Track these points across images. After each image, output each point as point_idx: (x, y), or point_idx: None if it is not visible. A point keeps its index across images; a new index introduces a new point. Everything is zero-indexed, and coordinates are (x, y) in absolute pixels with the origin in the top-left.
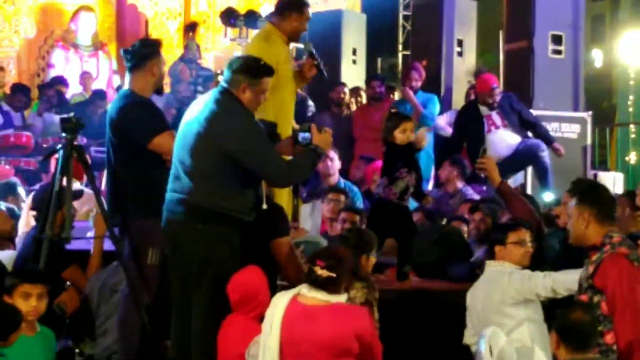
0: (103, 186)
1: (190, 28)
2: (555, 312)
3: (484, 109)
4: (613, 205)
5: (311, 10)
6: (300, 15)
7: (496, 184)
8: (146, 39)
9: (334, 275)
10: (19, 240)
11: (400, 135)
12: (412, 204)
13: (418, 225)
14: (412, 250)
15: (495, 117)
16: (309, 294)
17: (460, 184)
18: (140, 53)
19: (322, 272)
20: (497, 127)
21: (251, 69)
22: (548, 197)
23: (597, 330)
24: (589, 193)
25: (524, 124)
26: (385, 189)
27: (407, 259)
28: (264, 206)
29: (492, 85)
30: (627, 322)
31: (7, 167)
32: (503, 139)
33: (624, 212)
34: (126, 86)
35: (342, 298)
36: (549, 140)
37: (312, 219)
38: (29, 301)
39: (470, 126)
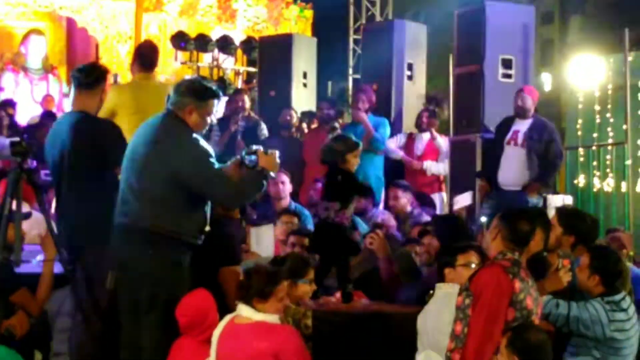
0: (52, 209)
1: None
2: (509, 333)
3: (520, 123)
4: (528, 236)
5: (262, 33)
6: None
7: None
8: (97, 64)
9: (245, 284)
10: None
11: (353, 160)
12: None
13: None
14: (348, 270)
15: (521, 135)
16: (241, 313)
17: (410, 208)
18: (94, 74)
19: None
20: (516, 144)
21: (197, 92)
22: None
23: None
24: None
25: (542, 155)
26: (338, 213)
27: (347, 279)
28: (207, 228)
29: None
30: (479, 326)
31: None
32: (513, 155)
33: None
34: (74, 107)
35: (266, 317)
36: (540, 179)
37: (263, 242)
38: None
39: (497, 132)
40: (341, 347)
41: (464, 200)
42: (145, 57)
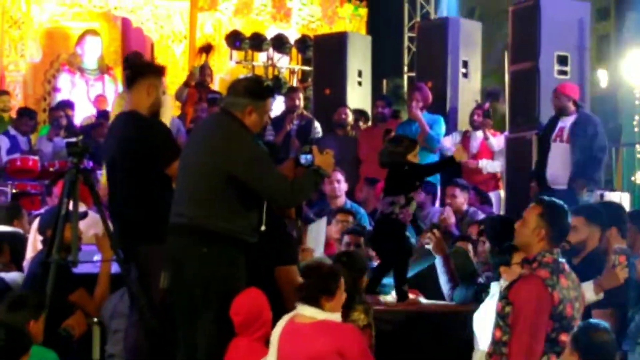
0: None
1: (205, 50)
2: (576, 331)
3: (564, 120)
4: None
5: (317, 31)
6: None
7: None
8: (130, 63)
9: (309, 283)
10: (26, 264)
11: (414, 160)
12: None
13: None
14: (407, 269)
15: (566, 131)
16: (302, 312)
17: (466, 206)
18: (135, 69)
19: (302, 283)
20: (562, 141)
21: (255, 91)
22: None
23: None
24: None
25: (586, 149)
26: (402, 209)
27: (404, 278)
28: (262, 228)
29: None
30: (522, 344)
31: (14, 190)
32: (559, 152)
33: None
34: (126, 107)
35: (331, 316)
36: (585, 175)
37: (318, 237)
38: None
39: (546, 129)
40: (397, 346)
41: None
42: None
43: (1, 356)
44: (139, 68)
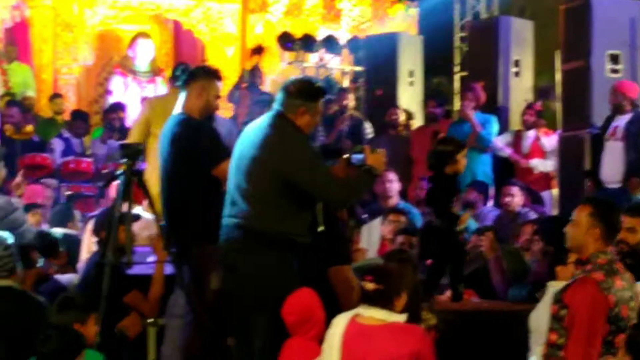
0: None
1: (257, 52)
2: (630, 332)
3: (619, 118)
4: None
5: (368, 32)
6: None
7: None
8: (182, 65)
9: (381, 287)
10: (80, 266)
11: (463, 160)
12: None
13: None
14: (462, 270)
15: (620, 129)
16: (365, 314)
17: (520, 208)
18: (188, 73)
19: (369, 285)
20: (615, 139)
21: (308, 92)
22: None
23: None
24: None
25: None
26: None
27: (459, 278)
28: (320, 228)
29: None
30: (579, 348)
31: (68, 192)
32: (613, 150)
33: None
34: (178, 109)
35: (400, 317)
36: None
37: (372, 238)
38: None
39: (602, 128)
40: (453, 346)
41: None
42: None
43: (54, 358)
44: (191, 71)
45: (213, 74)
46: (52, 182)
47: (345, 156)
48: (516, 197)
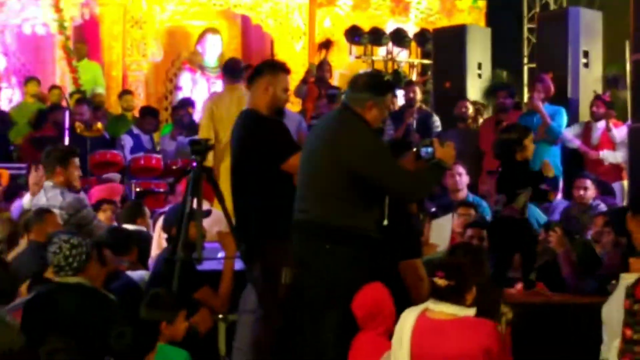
0: None
1: (325, 46)
2: None
3: None
4: None
5: (436, 24)
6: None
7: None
8: (237, 60)
9: (452, 283)
10: (151, 262)
11: (530, 146)
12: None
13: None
14: (534, 259)
15: None
16: (435, 308)
17: (591, 200)
18: (254, 70)
19: (441, 281)
20: None
21: (376, 86)
22: None
23: None
24: None
25: None
26: (506, 206)
27: (531, 267)
28: (385, 222)
29: None
30: None
31: (138, 189)
32: None
33: None
34: (247, 105)
35: (469, 312)
36: None
37: (441, 234)
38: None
39: None
40: (524, 338)
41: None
42: (229, 69)
43: (127, 355)
44: (257, 66)
45: (279, 68)
46: (115, 176)
47: (414, 149)
48: (589, 190)
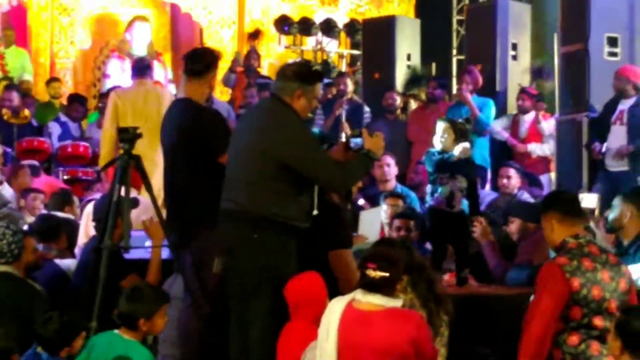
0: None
1: (253, 36)
2: (619, 318)
3: (624, 102)
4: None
5: (365, 15)
6: None
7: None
8: (210, 49)
9: (386, 275)
10: (78, 250)
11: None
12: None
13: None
14: (468, 255)
15: (625, 114)
16: (363, 299)
17: (516, 189)
18: (204, 62)
19: (374, 273)
20: (622, 124)
21: (304, 76)
22: None
23: None
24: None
25: None
26: (432, 196)
27: (465, 263)
28: (315, 212)
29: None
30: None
31: (65, 176)
32: (618, 135)
33: None
34: (181, 94)
35: (397, 302)
36: None
37: (370, 226)
38: (163, 318)
39: (606, 113)
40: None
41: (589, 200)
42: (137, 66)
43: (54, 341)
44: (212, 61)
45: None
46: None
47: (343, 140)
48: (513, 179)
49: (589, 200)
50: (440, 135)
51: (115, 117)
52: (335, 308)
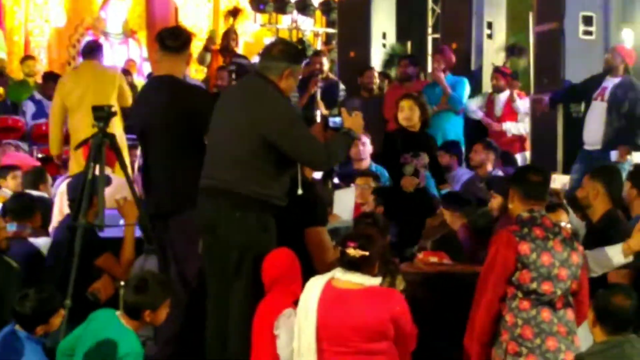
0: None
1: (233, 14)
2: (598, 292)
3: (609, 80)
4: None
5: None
6: None
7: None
8: (183, 29)
9: (366, 253)
10: (52, 229)
11: (399, 115)
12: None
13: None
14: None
15: (608, 91)
16: (343, 278)
17: (491, 168)
18: (182, 38)
19: (354, 252)
20: (602, 100)
21: (292, 55)
22: None
23: (636, 316)
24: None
25: (628, 115)
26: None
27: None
28: (299, 191)
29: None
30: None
31: (39, 155)
32: (597, 111)
33: None
34: (160, 71)
35: (376, 281)
36: (626, 141)
37: (344, 205)
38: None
39: (588, 86)
40: (425, 307)
41: (560, 181)
42: (87, 49)
43: (31, 317)
44: (189, 37)
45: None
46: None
47: (322, 119)
48: (480, 154)
49: (560, 181)
50: (405, 113)
51: (60, 98)
52: (314, 287)
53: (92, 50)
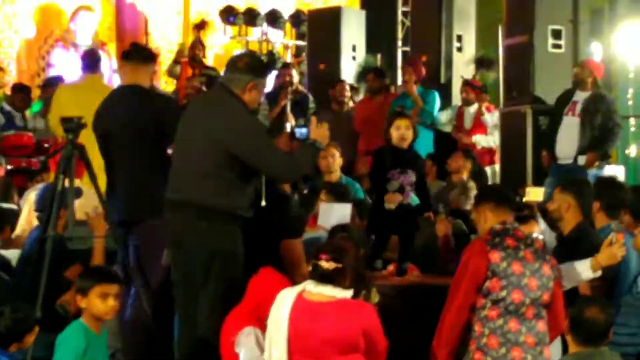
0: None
1: (199, 27)
2: (576, 300)
3: (579, 94)
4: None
5: (311, 6)
6: None
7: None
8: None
9: (339, 266)
10: (15, 236)
11: (394, 133)
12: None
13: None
14: (412, 248)
15: (579, 105)
16: (314, 290)
17: (466, 176)
18: (147, 50)
19: (327, 264)
20: (573, 115)
21: (257, 68)
22: None
23: (609, 329)
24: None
25: (599, 126)
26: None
27: (407, 255)
28: (263, 203)
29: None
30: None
31: (8, 166)
32: (569, 126)
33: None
34: (126, 81)
35: (347, 293)
36: (595, 149)
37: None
38: (107, 301)
39: (558, 101)
40: (397, 319)
41: (535, 194)
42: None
43: (6, 335)
44: (152, 53)
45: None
46: None
47: (288, 129)
48: (458, 162)
49: (535, 193)
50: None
51: (57, 112)
52: (285, 298)
53: (94, 63)
